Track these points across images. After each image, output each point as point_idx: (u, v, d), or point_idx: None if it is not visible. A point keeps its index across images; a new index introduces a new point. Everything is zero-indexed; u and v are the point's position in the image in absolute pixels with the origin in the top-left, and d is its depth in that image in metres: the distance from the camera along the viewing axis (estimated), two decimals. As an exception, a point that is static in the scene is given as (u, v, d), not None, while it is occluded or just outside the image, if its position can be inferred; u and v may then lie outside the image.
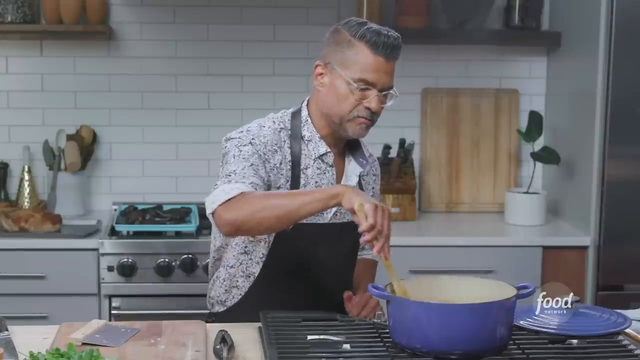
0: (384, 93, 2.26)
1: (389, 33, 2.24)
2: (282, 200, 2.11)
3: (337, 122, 2.29)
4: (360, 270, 2.49)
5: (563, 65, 3.95)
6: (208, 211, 2.16)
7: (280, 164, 2.29)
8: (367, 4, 3.70)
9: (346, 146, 2.41)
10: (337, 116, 2.28)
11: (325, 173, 2.35)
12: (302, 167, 2.32)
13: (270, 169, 2.27)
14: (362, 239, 2.03)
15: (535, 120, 3.87)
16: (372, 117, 2.27)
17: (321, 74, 2.30)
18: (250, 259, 2.35)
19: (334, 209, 2.33)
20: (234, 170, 2.19)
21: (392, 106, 2.32)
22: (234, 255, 2.36)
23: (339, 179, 2.37)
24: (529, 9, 3.96)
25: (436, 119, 4.08)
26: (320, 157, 2.34)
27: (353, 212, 2.04)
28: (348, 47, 2.23)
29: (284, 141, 2.32)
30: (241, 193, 2.12)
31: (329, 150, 2.34)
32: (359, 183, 2.42)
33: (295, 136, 2.33)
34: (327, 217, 2.34)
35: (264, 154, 2.26)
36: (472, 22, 3.97)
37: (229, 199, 2.12)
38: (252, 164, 2.21)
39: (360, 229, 2.02)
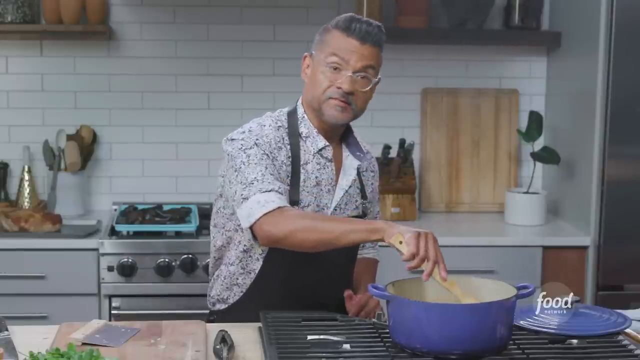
0: (358, 75, 2.27)
1: (366, 20, 2.30)
2: (325, 224, 2.14)
3: (316, 107, 2.32)
4: (360, 269, 2.50)
5: (563, 65, 3.95)
6: (246, 225, 2.19)
7: (284, 160, 2.31)
8: (367, 4, 3.70)
9: (342, 142, 2.42)
10: (316, 100, 2.31)
11: (325, 168, 2.36)
12: (302, 162, 2.33)
13: (279, 166, 2.28)
14: (407, 266, 2.03)
15: (535, 120, 3.87)
16: (347, 98, 2.28)
17: (308, 65, 2.36)
18: (250, 256, 2.35)
19: (334, 204, 2.36)
20: (255, 178, 2.21)
21: (392, 106, 2.33)
22: (235, 253, 2.37)
23: (337, 174, 2.38)
24: (529, 9, 3.96)
25: (436, 119, 4.08)
26: (319, 151, 2.35)
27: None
28: (324, 35, 2.32)
29: (284, 138, 2.33)
30: (279, 208, 2.16)
31: (327, 144, 2.36)
32: (359, 179, 2.43)
33: (293, 134, 2.35)
34: (328, 212, 2.35)
35: (271, 153, 2.28)
36: (472, 22, 3.97)
37: (267, 212, 2.15)
38: (267, 167, 2.24)
39: (402, 259, 2.02)
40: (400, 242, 2.01)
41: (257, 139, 2.28)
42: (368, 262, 2.56)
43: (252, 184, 2.20)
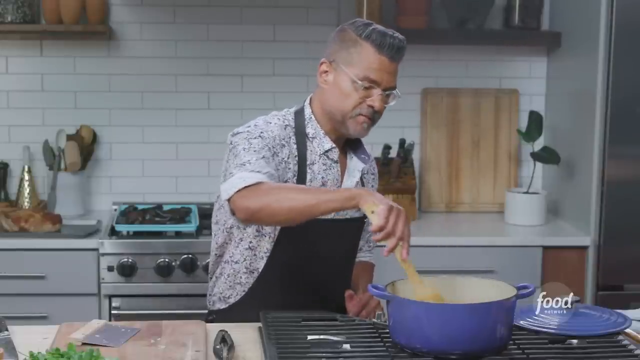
0: (386, 93, 2.28)
1: (395, 34, 2.29)
2: (300, 194, 2.12)
3: (339, 119, 2.31)
4: (358, 272, 2.51)
5: (563, 65, 3.95)
6: (224, 197, 2.18)
7: (288, 158, 2.31)
8: (367, 4, 3.70)
9: (346, 144, 2.43)
10: (340, 113, 2.30)
11: (330, 169, 2.37)
12: (308, 163, 2.34)
13: (278, 163, 2.28)
14: (373, 238, 2.04)
15: (535, 120, 3.87)
16: (374, 115, 2.30)
17: (326, 71, 2.33)
18: (255, 254, 2.36)
19: None
20: (248, 160, 2.20)
21: (392, 106, 2.34)
22: (239, 251, 2.37)
23: (342, 175, 2.39)
24: (529, 9, 3.96)
25: (436, 119, 4.08)
26: (326, 153, 2.36)
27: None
28: (354, 46, 2.27)
29: (290, 137, 2.34)
30: (258, 182, 2.14)
31: (334, 146, 2.37)
32: (360, 181, 2.44)
33: (300, 133, 2.35)
34: (330, 214, 2.35)
35: (273, 147, 2.28)
36: (472, 22, 3.97)
37: (246, 187, 2.14)
38: (263, 157, 2.23)
39: (370, 229, 2.04)
40: (372, 212, 2.01)
41: (261, 132, 2.29)
42: (365, 265, 2.57)
43: (244, 165, 2.19)
